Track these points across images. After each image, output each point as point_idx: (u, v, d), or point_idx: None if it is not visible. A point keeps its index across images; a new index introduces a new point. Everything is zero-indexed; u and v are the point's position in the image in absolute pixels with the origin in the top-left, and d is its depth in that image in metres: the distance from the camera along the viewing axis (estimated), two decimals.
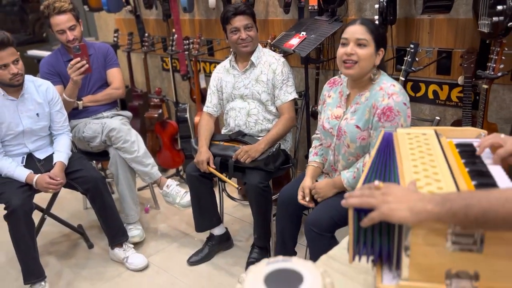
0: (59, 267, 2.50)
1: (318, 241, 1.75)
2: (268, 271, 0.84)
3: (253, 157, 2.16)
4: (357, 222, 1.03)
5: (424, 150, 1.25)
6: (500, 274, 0.93)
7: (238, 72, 2.38)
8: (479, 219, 0.82)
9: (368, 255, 1.06)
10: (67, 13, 2.53)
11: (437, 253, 0.94)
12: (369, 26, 1.69)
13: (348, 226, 1.05)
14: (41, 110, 2.34)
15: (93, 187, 2.34)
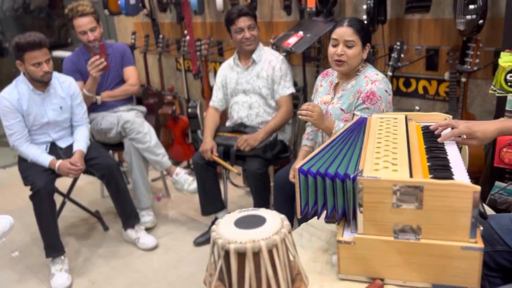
0: (78, 246, 2.74)
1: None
2: (238, 216, 1.04)
3: (252, 145, 2.36)
4: (304, 183, 1.24)
5: (391, 131, 1.43)
6: (438, 227, 1.10)
7: (241, 69, 2.59)
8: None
9: (319, 213, 1.26)
10: (89, 16, 2.78)
11: (385, 209, 1.12)
12: (356, 26, 1.88)
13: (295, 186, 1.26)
14: (64, 104, 2.59)
15: (108, 173, 2.58)
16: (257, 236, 0.93)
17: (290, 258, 1.02)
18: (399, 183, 1.09)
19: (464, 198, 1.05)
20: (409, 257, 1.14)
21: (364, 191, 1.12)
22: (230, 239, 0.93)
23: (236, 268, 0.93)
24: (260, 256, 0.92)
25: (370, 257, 1.17)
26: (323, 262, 1.31)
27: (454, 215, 1.07)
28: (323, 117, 1.82)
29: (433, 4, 2.26)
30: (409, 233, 1.12)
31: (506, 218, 1.26)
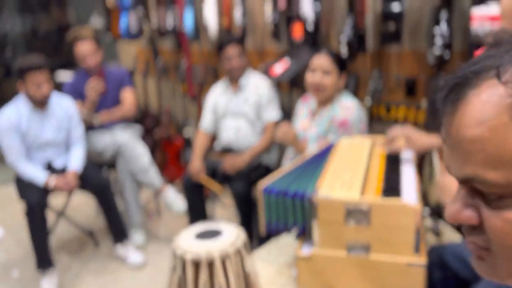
0: (69, 261, 2.83)
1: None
2: (199, 229, 1.14)
3: (238, 168, 2.47)
4: (267, 201, 1.34)
5: (355, 154, 1.54)
6: (385, 244, 1.20)
7: (230, 93, 2.72)
8: None
9: (282, 230, 1.36)
10: (89, 41, 2.94)
11: (338, 227, 1.22)
12: (332, 56, 2.02)
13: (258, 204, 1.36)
14: (62, 124, 2.72)
15: (100, 190, 2.69)
16: (212, 247, 1.03)
17: (246, 269, 1.11)
18: (349, 202, 1.19)
19: (407, 217, 1.15)
20: (360, 272, 1.23)
21: (319, 209, 1.22)
22: (187, 250, 1.03)
23: (192, 276, 1.03)
24: (214, 266, 1.02)
25: (326, 271, 1.26)
26: (286, 276, 1.40)
27: (398, 233, 1.17)
28: (296, 139, 1.94)
29: (410, 37, 2.40)
30: (360, 249, 1.22)
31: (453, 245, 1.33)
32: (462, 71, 0.44)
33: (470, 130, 0.42)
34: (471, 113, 0.42)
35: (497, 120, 0.41)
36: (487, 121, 0.41)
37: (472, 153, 0.42)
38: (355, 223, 1.20)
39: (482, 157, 0.42)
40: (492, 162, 0.41)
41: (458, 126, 0.43)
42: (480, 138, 0.42)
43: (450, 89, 0.45)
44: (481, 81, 0.42)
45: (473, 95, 0.42)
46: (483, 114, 0.42)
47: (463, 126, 0.43)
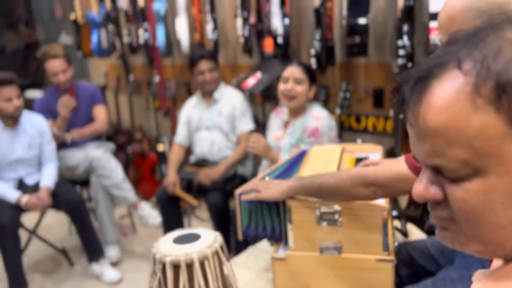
0: (42, 281, 2.77)
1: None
2: (178, 234, 1.17)
3: (213, 179, 2.50)
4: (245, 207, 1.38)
5: (326, 161, 1.60)
6: (356, 243, 1.25)
7: (203, 107, 2.76)
8: (317, 189, 1.17)
9: (260, 235, 1.39)
10: (60, 59, 2.93)
11: (311, 227, 1.27)
12: (304, 67, 2.10)
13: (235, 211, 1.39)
14: (33, 141, 2.70)
15: (73, 208, 2.66)
16: (190, 250, 1.06)
17: (224, 271, 1.14)
18: (321, 204, 1.24)
19: (375, 216, 1.21)
20: (333, 271, 1.27)
21: (292, 211, 1.27)
22: (166, 253, 1.06)
23: (172, 279, 1.05)
24: (193, 268, 1.05)
25: (301, 272, 1.30)
26: (264, 280, 1.43)
27: (368, 232, 1.22)
28: (268, 148, 1.99)
29: (377, 49, 2.51)
30: (332, 249, 1.27)
31: (419, 242, 1.41)
32: (426, 65, 0.50)
33: (434, 117, 0.47)
34: (434, 102, 0.47)
35: (459, 107, 0.46)
36: (449, 108, 0.46)
37: (436, 138, 0.47)
38: (327, 224, 1.25)
39: (445, 142, 0.47)
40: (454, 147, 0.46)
41: (423, 114, 0.48)
42: (444, 124, 0.47)
43: (416, 81, 0.50)
44: (443, 72, 0.48)
45: (436, 85, 0.47)
46: (446, 102, 0.47)
47: (428, 113, 0.47)
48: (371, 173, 1.11)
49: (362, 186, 1.11)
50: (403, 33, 2.02)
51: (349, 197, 1.17)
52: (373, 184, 1.09)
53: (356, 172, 1.14)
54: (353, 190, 1.12)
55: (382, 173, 1.09)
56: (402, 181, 1.06)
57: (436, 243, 1.38)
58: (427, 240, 1.43)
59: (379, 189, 1.10)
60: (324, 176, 1.20)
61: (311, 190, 1.19)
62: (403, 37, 2.01)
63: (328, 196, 1.19)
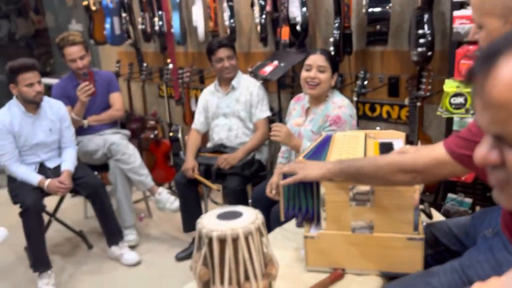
0: (62, 263, 2.84)
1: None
2: (220, 211, 1.22)
3: (232, 164, 2.56)
4: (286, 191, 1.43)
5: (352, 145, 1.65)
6: (388, 222, 1.31)
7: (221, 94, 2.81)
8: (355, 173, 1.22)
9: (297, 215, 1.45)
10: (79, 45, 2.97)
11: (344, 207, 1.33)
12: (327, 55, 2.15)
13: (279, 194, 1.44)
14: (53, 126, 2.75)
15: (94, 192, 2.72)
16: (235, 225, 1.12)
17: (264, 246, 1.20)
18: (355, 185, 1.30)
19: (407, 197, 1.26)
20: (364, 249, 1.33)
21: (326, 192, 1.33)
22: (213, 228, 1.12)
23: (218, 252, 1.11)
24: (238, 242, 1.11)
25: (332, 250, 1.36)
26: (294, 258, 1.49)
27: (400, 212, 1.28)
28: (290, 136, 2.05)
29: (393, 37, 2.55)
30: (364, 228, 1.33)
31: (443, 223, 1.47)
32: (495, 43, 0.55)
33: (499, 90, 0.52)
34: (501, 76, 0.53)
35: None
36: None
37: (499, 110, 0.53)
38: (360, 204, 1.31)
39: (507, 114, 0.52)
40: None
41: (489, 87, 0.53)
42: (507, 98, 0.52)
43: (485, 56, 0.55)
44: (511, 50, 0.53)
45: (504, 62, 0.53)
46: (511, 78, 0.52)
47: (494, 87, 0.53)
48: (409, 160, 1.16)
49: (401, 173, 1.15)
50: (424, 22, 2.06)
51: (387, 183, 1.22)
52: (411, 171, 1.14)
53: (394, 160, 1.19)
54: (391, 177, 1.17)
55: (420, 159, 1.14)
56: (440, 166, 1.11)
57: (459, 224, 1.44)
58: (450, 221, 1.49)
59: (418, 175, 1.14)
60: (362, 161, 1.25)
61: (349, 174, 1.24)
62: (424, 26, 2.05)
63: (366, 181, 1.24)
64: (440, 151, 1.12)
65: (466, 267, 1.17)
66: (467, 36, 1.81)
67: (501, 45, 0.54)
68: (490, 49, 0.55)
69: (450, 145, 1.10)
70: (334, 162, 1.31)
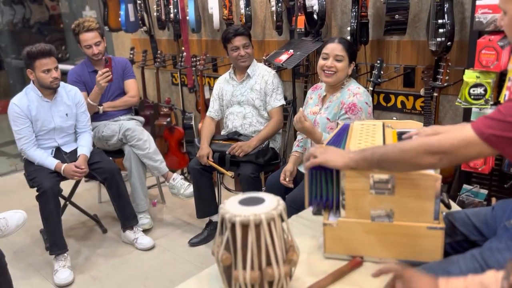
0: (78, 246, 2.89)
1: None
2: (242, 197, 1.24)
3: (246, 151, 2.57)
4: (310, 177, 1.43)
5: (370, 134, 1.65)
6: (408, 211, 1.32)
7: (236, 82, 2.82)
8: (379, 160, 1.23)
9: (318, 204, 1.46)
10: (94, 31, 2.99)
11: (364, 195, 1.34)
12: (345, 44, 2.14)
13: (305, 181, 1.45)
14: (70, 111, 2.78)
15: (110, 177, 2.75)
16: (258, 211, 1.13)
17: (285, 234, 1.22)
18: (375, 173, 1.30)
19: (428, 186, 1.27)
20: (383, 237, 1.35)
21: (346, 180, 1.34)
22: (236, 214, 1.13)
23: (240, 237, 1.13)
24: (260, 228, 1.12)
25: (350, 237, 1.38)
26: (311, 245, 1.51)
27: (420, 201, 1.29)
28: (313, 128, 2.05)
29: (409, 27, 2.53)
30: (384, 217, 1.34)
31: (461, 213, 1.47)
32: None
33: None
34: None
35: None
36: None
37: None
38: (380, 193, 1.31)
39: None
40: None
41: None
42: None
43: None
44: None
45: None
46: None
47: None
48: (435, 141, 1.15)
49: (427, 155, 1.15)
50: (444, 12, 2.04)
51: (414, 167, 1.21)
52: (438, 152, 1.14)
53: (419, 142, 1.18)
54: (417, 159, 1.17)
55: (447, 140, 1.13)
56: (468, 146, 1.11)
57: (479, 214, 1.44)
58: (468, 211, 1.49)
59: (445, 156, 1.14)
60: (386, 147, 1.25)
61: (373, 162, 1.24)
62: (444, 16, 2.04)
63: (391, 167, 1.24)
64: (467, 131, 1.11)
65: (486, 257, 1.18)
66: (489, 26, 1.79)
67: None
68: None
69: (479, 126, 1.10)
70: (356, 151, 1.32)
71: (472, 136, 1.10)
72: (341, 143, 1.61)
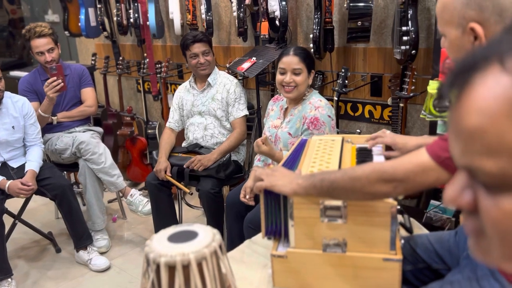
0: (27, 268, 2.68)
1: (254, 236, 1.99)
2: (173, 231, 1.09)
3: (205, 165, 2.42)
4: (265, 204, 1.29)
5: (327, 151, 1.53)
6: (362, 241, 1.19)
7: (196, 91, 2.67)
8: (329, 188, 1.09)
9: (274, 233, 1.31)
10: (47, 37, 2.79)
11: (314, 223, 1.20)
12: (301, 55, 2.01)
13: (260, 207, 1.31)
14: (17, 123, 2.58)
15: (60, 193, 2.56)
16: (187, 250, 0.98)
17: (222, 270, 1.07)
18: (325, 200, 1.17)
19: (383, 213, 1.14)
20: (337, 269, 1.21)
21: (294, 207, 1.20)
22: (161, 253, 0.98)
23: (166, 281, 0.97)
24: (189, 269, 0.97)
25: (302, 270, 1.24)
26: (261, 277, 1.37)
27: (375, 229, 1.16)
28: (272, 150, 1.93)
29: (375, 34, 2.43)
30: (336, 247, 1.20)
31: (424, 237, 1.35)
32: (467, 59, 0.43)
33: (471, 118, 0.41)
34: (474, 101, 0.41)
35: (499, 111, 0.40)
36: (488, 111, 0.40)
37: (471, 141, 0.41)
38: (331, 220, 1.18)
39: (480, 146, 0.41)
40: (489, 153, 0.41)
41: (461, 113, 0.42)
42: (480, 127, 0.41)
43: (456, 75, 0.43)
44: (485, 68, 0.41)
45: (478, 82, 0.41)
46: (485, 103, 0.40)
47: (466, 113, 0.41)
48: (389, 167, 1.03)
49: (380, 183, 1.03)
50: (408, 18, 1.94)
51: (366, 196, 1.08)
52: (392, 180, 1.01)
53: (371, 168, 1.06)
54: (370, 188, 1.04)
55: (401, 166, 1.01)
56: (424, 173, 0.99)
57: (442, 240, 1.33)
58: (432, 236, 1.38)
59: (400, 184, 1.01)
60: (335, 174, 1.12)
61: (323, 190, 1.11)
62: (408, 23, 1.93)
63: (342, 196, 1.11)
64: (423, 156, 1.00)
65: None
66: None
67: (474, 62, 0.42)
68: (462, 66, 0.43)
69: (434, 149, 0.99)
70: (305, 176, 1.18)
71: (427, 161, 0.99)
72: (296, 162, 1.47)
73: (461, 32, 0.99)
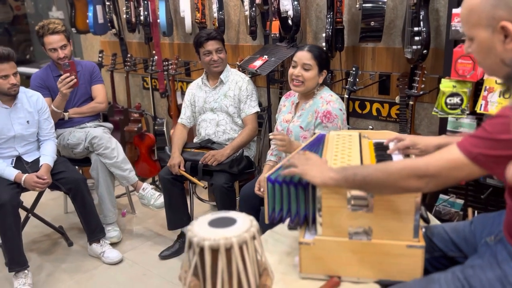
0: (40, 261, 2.73)
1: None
2: (212, 218, 1.15)
3: (219, 161, 2.48)
4: (271, 190, 1.36)
5: (347, 145, 1.59)
6: (387, 229, 1.26)
7: (209, 88, 2.72)
8: (361, 182, 1.16)
9: (284, 219, 1.38)
10: (60, 34, 2.84)
11: (341, 212, 1.27)
12: (314, 52, 2.08)
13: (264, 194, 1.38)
14: (31, 118, 2.62)
15: (74, 187, 2.61)
16: (229, 234, 1.04)
17: (258, 256, 1.13)
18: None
19: (407, 203, 1.21)
20: (362, 256, 1.28)
21: (322, 197, 1.27)
22: (204, 237, 1.04)
23: (210, 263, 1.03)
24: (231, 252, 1.04)
25: (327, 256, 1.31)
26: (287, 264, 1.43)
27: (399, 218, 1.23)
28: (291, 143, 1.98)
29: (385, 34, 2.50)
30: (362, 234, 1.27)
31: (439, 227, 1.42)
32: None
33: None
34: None
35: None
36: None
37: None
38: (358, 210, 1.25)
39: None
40: None
41: None
42: None
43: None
44: None
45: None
46: None
47: None
48: (421, 163, 1.09)
49: (413, 178, 1.09)
50: (420, 19, 2.01)
51: (398, 190, 1.15)
52: (425, 175, 1.08)
53: (404, 164, 1.12)
54: (403, 183, 1.10)
55: (434, 162, 1.08)
56: (457, 168, 1.05)
57: (458, 230, 1.40)
58: (446, 225, 1.45)
59: (431, 179, 1.08)
60: (368, 169, 1.18)
61: (355, 184, 1.17)
62: (420, 24, 2.00)
63: (375, 189, 1.17)
64: (455, 152, 1.06)
65: (469, 276, 1.13)
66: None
67: None
68: None
69: (465, 146, 1.05)
70: (337, 169, 1.24)
71: (459, 157, 1.05)
72: (317, 153, 1.54)
73: (491, 32, 1.05)
